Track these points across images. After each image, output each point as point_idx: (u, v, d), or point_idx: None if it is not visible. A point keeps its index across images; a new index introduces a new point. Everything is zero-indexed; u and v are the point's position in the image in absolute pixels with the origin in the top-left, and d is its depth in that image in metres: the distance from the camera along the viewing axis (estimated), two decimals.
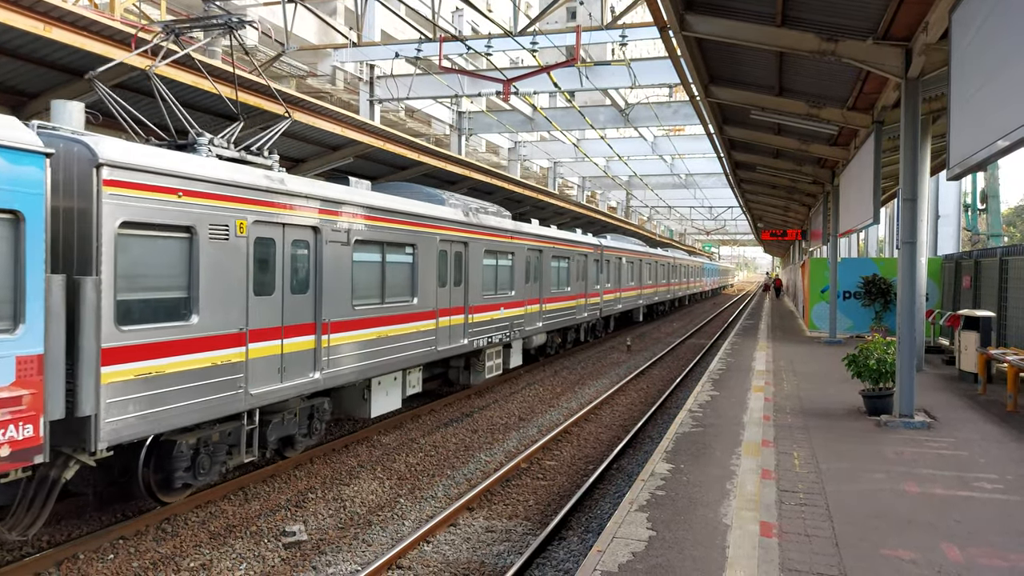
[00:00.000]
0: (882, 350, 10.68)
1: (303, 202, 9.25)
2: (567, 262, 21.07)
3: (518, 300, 16.75)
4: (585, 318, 23.26)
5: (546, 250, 18.93)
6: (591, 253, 23.92)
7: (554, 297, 19.77)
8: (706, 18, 10.63)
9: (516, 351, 17.37)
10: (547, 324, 19.14)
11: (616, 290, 27.67)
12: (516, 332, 16.64)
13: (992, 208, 29.27)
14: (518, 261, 16.72)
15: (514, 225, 16.57)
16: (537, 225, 18.98)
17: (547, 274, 19.02)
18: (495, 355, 15.83)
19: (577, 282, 22.06)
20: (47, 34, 7.83)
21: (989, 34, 6.30)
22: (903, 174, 10.17)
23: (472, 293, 14.34)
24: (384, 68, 26.36)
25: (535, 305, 18.15)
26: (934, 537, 6.00)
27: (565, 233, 21.21)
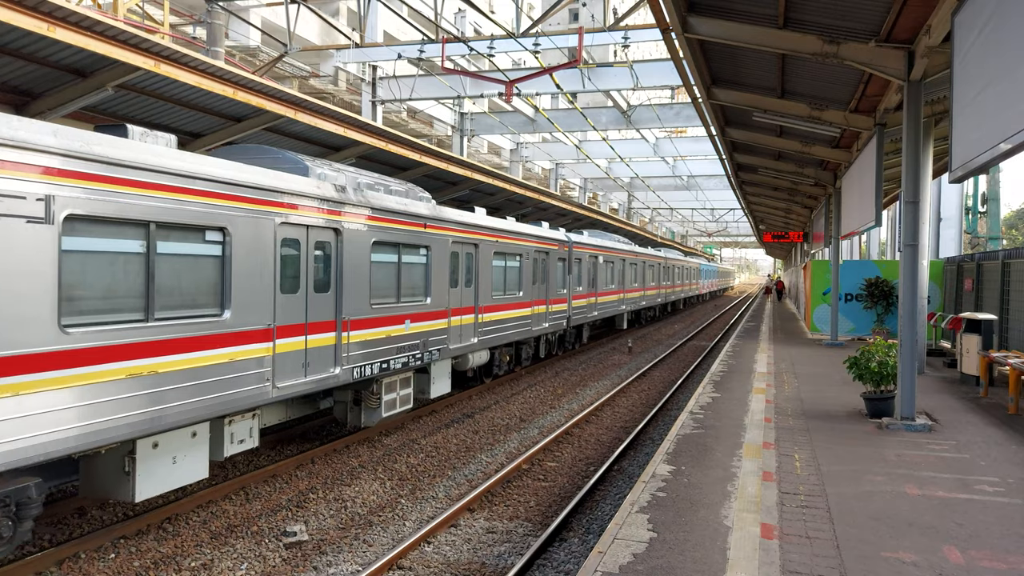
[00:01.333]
0: (884, 352, 10.67)
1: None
2: (518, 261, 17.31)
3: (436, 310, 12.93)
4: (546, 329, 19.41)
5: (484, 245, 15.11)
6: (554, 250, 20.03)
7: (498, 305, 15.94)
8: (708, 20, 10.64)
9: (441, 375, 13.71)
10: (487, 339, 15.35)
11: (590, 294, 23.82)
12: (434, 352, 12.77)
13: (992, 211, 29.28)
14: (437, 258, 12.96)
15: (431, 209, 12.88)
16: (480, 215, 15.64)
17: (485, 275, 15.20)
18: (401, 384, 12.04)
19: (534, 286, 18.30)
20: (50, 34, 7.83)
21: (992, 37, 6.30)
22: (905, 177, 10.17)
23: (352, 301, 10.37)
24: (386, 69, 26.39)
25: (468, 316, 14.31)
26: (935, 539, 6.00)
27: (515, 225, 17.41)
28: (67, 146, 6.35)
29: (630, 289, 30.37)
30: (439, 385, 13.67)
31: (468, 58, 30.50)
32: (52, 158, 6.22)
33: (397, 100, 26.07)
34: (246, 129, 11.96)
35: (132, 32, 8.55)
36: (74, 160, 6.40)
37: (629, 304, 30.32)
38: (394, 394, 11.86)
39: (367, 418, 11.36)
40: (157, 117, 11.26)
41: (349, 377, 10.34)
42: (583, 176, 45.26)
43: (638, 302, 32.33)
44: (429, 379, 13.28)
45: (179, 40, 20.51)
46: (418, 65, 24.25)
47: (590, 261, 23.86)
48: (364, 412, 11.37)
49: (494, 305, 15.75)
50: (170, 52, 9.11)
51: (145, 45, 8.79)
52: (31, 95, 9.69)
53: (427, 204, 12.87)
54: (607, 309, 26.51)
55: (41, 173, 6.14)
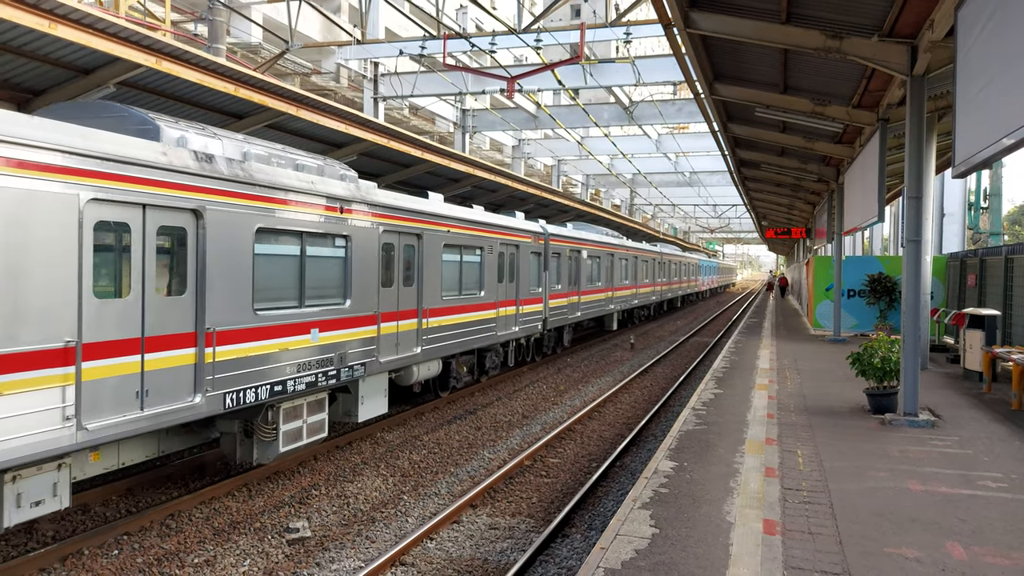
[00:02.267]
0: (886, 348, 10.66)
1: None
2: (478, 255, 14.91)
3: (360, 315, 10.58)
4: (515, 333, 17.04)
5: (430, 235, 12.74)
6: (526, 243, 17.60)
7: (450, 307, 13.54)
8: (711, 15, 10.61)
9: (373, 393, 11.28)
10: (436, 348, 12.98)
11: (571, 293, 21.53)
12: (358, 367, 10.48)
13: (994, 206, 29.21)
14: (361, 251, 10.57)
15: (351, 190, 10.34)
16: (432, 200, 13.22)
17: (432, 272, 12.81)
18: (310, 409, 9.67)
19: (500, 284, 16.07)
20: (52, 31, 7.84)
21: (995, 31, 6.28)
22: (908, 172, 10.15)
23: (222, 306, 8.01)
24: (388, 66, 26.37)
25: (408, 321, 11.99)
26: (938, 535, 5.99)
27: (473, 213, 14.95)
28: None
29: (620, 287, 28.15)
30: (371, 405, 11.28)
31: (470, 54, 30.46)
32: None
33: (399, 97, 26.06)
34: (248, 126, 11.96)
35: (134, 29, 8.55)
36: None
37: (619, 303, 28.09)
38: (298, 422, 9.44)
39: (260, 453, 9.11)
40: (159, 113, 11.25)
41: (218, 406, 7.96)
42: (585, 172, 45.22)
43: (629, 301, 30.01)
44: (356, 399, 10.92)
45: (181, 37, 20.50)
46: (420, 62, 24.22)
47: (571, 256, 21.60)
48: (257, 446, 9.12)
49: (445, 307, 13.28)
50: (172, 49, 9.11)
51: (147, 42, 8.80)
52: (33, 92, 9.70)
53: (347, 184, 10.44)
54: (592, 309, 24.30)
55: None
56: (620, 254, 27.93)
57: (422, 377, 12.88)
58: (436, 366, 13.30)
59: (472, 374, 15.71)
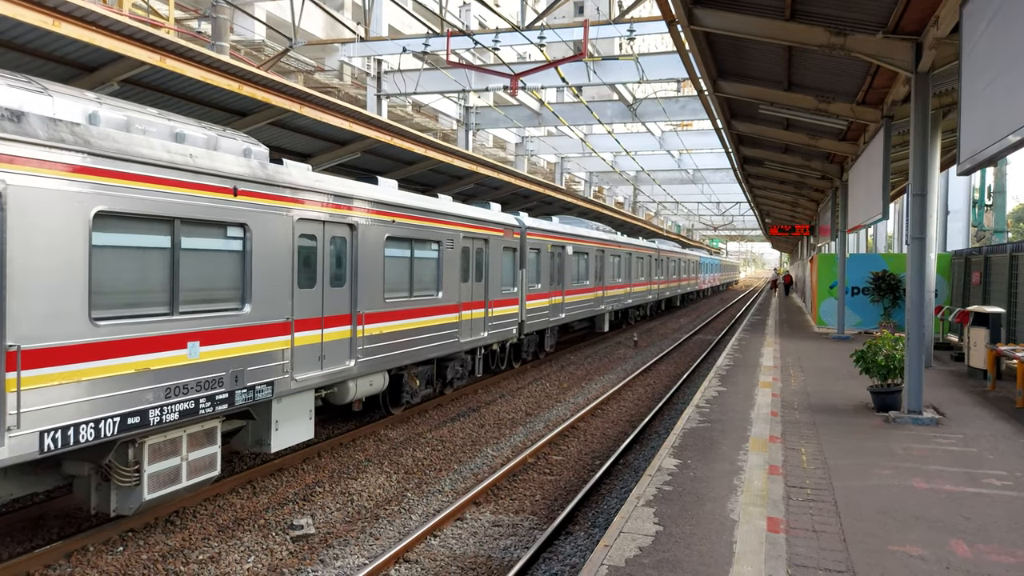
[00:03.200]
0: (891, 346, 10.64)
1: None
2: (434, 250, 12.99)
3: (264, 323, 8.62)
4: (484, 339, 15.05)
5: (368, 226, 10.74)
6: (497, 238, 15.66)
7: (397, 311, 11.62)
8: (714, 12, 10.59)
9: (292, 417, 9.34)
10: (379, 359, 11.11)
11: (553, 293, 19.56)
12: (262, 387, 8.56)
13: (998, 204, 29.15)
14: (264, 244, 8.60)
15: (250, 167, 8.36)
16: (373, 186, 11.21)
17: (371, 270, 10.89)
18: (191, 443, 7.79)
19: (465, 284, 14.18)
20: (56, 29, 7.85)
21: (1000, 28, 6.26)
22: (913, 169, 10.12)
23: (36, 315, 6.17)
24: (391, 63, 26.36)
25: (338, 329, 10.14)
26: (942, 533, 5.98)
27: (426, 200, 12.75)
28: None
29: (612, 285, 26.23)
30: (289, 432, 9.32)
31: (473, 52, 30.44)
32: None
33: (402, 94, 26.06)
34: (252, 123, 11.98)
35: (137, 27, 8.56)
36: None
37: (610, 303, 26.15)
38: (173, 460, 7.54)
39: (120, 501, 7.29)
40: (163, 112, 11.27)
41: (34, 447, 6.07)
42: (588, 170, 45.19)
43: (623, 300, 28.04)
44: (268, 425, 8.99)
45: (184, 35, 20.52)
46: (423, 59, 24.21)
47: (553, 252, 19.71)
48: (115, 493, 7.27)
49: (391, 312, 11.46)
50: (175, 47, 9.12)
51: (151, 40, 8.80)
52: None
53: (247, 160, 8.39)
54: (579, 310, 22.30)
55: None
56: (612, 250, 26.16)
57: (362, 394, 10.93)
58: (381, 380, 11.42)
59: (433, 387, 13.78)
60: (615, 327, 30.33)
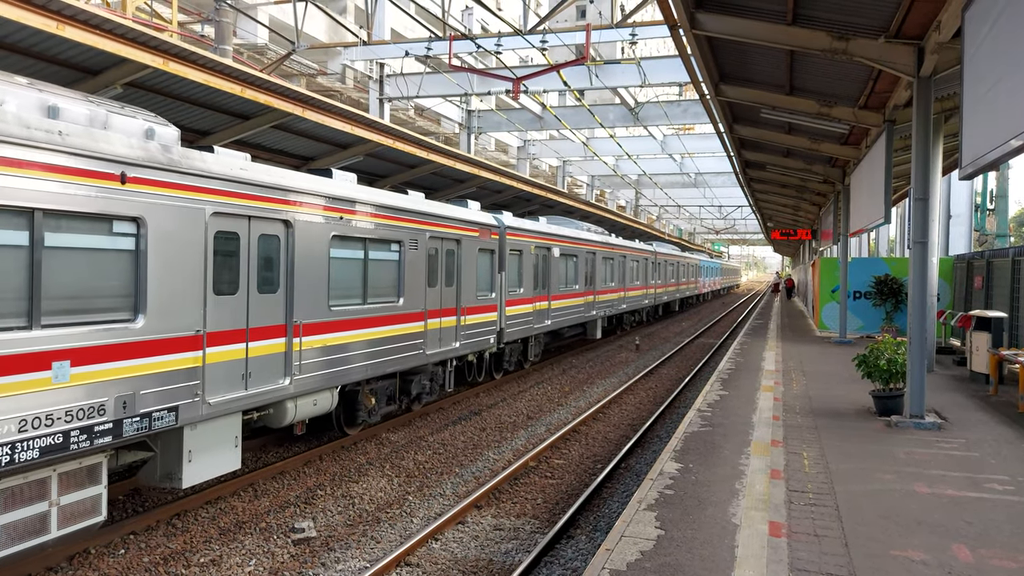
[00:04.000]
0: (893, 350, 10.63)
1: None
2: (394, 251, 11.69)
3: (165, 337, 7.31)
4: (456, 350, 13.81)
5: (306, 223, 9.47)
6: (471, 238, 14.36)
7: (346, 320, 10.37)
8: (717, 16, 10.60)
9: (211, 446, 8.05)
10: (322, 376, 9.81)
11: (538, 298, 18.39)
12: (164, 414, 7.27)
13: (1000, 208, 29.12)
14: (165, 243, 7.31)
15: (148, 151, 7.13)
16: (304, 175, 9.70)
17: (312, 274, 9.61)
18: (68, 483, 6.51)
19: (433, 289, 12.92)
20: (60, 32, 7.87)
21: (1002, 33, 6.26)
22: (915, 173, 10.12)
23: None
24: (394, 66, 26.42)
25: (269, 342, 8.84)
26: (944, 538, 5.97)
27: (381, 195, 11.38)
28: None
29: (604, 290, 24.96)
30: (208, 462, 8.00)
31: (475, 55, 30.48)
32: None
33: (404, 98, 26.11)
34: (254, 126, 12.00)
35: (141, 30, 8.58)
36: None
37: (603, 308, 24.90)
38: (38, 506, 6.23)
39: None
40: (165, 115, 11.30)
41: None
42: (590, 173, 45.21)
43: (616, 306, 26.81)
44: (179, 456, 7.69)
45: (187, 38, 20.58)
46: (425, 63, 24.25)
47: (538, 254, 18.46)
48: None
49: (338, 321, 10.15)
50: (179, 50, 9.14)
51: (154, 43, 8.83)
52: None
53: (142, 142, 7.13)
54: (568, 316, 20.98)
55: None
56: (604, 252, 24.87)
57: (304, 415, 9.68)
58: (328, 399, 10.15)
59: (399, 403, 12.56)
60: (609, 333, 29.36)
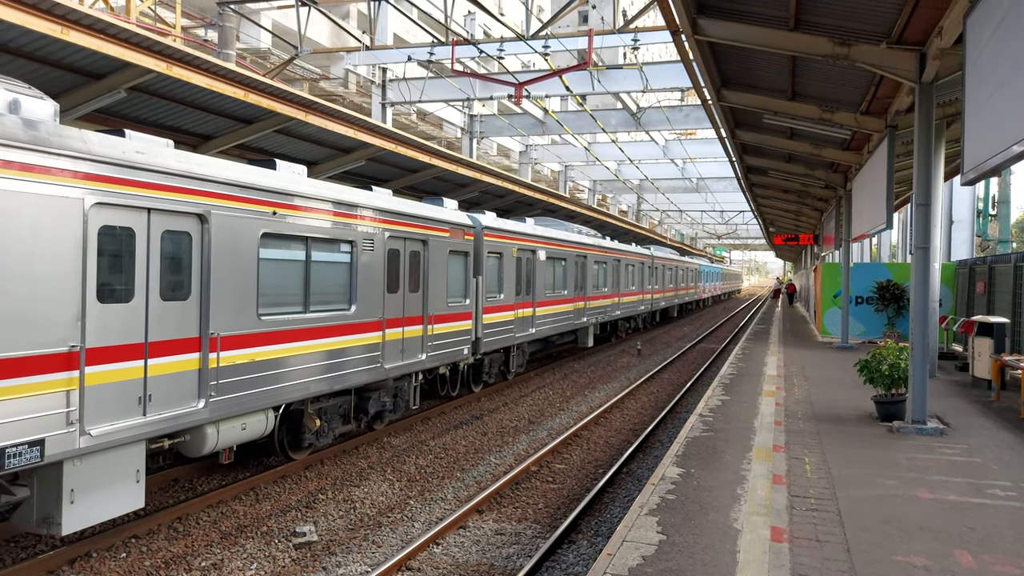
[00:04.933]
0: (895, 356, 10.62)
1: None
2: (344, 252, 10.34)
3: (24, 355, 6.07)
4: (422, 363, 12.41)
5: (226, 218, 8.13)
6: (441, 239, 12.96)
7: (281, 332, 9.03)
8: (718, 22, 10.62)
9: (106, 483, 6.92)
10: (248, 397, 8.46)
11: (520, 305, 17.14)
12: (24, 450, 6.05)
13: (1002, 214, 29.12)
14: (23, 240, 6.09)
15: (9, 128, 6.00)
16: (221, 161, 8.28)
17: (235, 278, 8.30)
18: None
19: (393, 295, 11.52)
20: (64, 37, 7.91)
21: (1004, 39, 6.27)
22: (917, 179, 10.13)
23: None
24: (396, 71, 26.48)
25: (173, 358, 7.55)
26: (947, 544, 5.96)
27: (327, 189, 9.96)
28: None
29: (597, 295, 23.72)
30: (100, 501, 6.85)
31: (478, 60, 30.53)
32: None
33: (407, 102, 26.16)
34: (257, 131, 12.03)
35: (144, 35, 8.62)
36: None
37: (595, 315, 23.54)
38: None
39: None
40: (169, 119, 11.35)
41: None
42: (592, 178, 45.25)
43: (609, 312, 25.53)
44: (58, 497, 6.52)
45: (191, 43, 20.64)
46: (428, 67, 24.31)
47: (521, 257, 17.21)
48: None
49: (269, 332, 8.78)
50: (182, 55, 9.18)
51: (157, 48, 8.87)
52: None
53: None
54: (555, 323, 19.73)
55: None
56: (596, 256, 23.63)
57: (231, 441, 8.40)
58: (261, 421, 8.87)
59: (357, 422, 11.35)
60: (604, 340, 28.28)
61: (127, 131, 7.40)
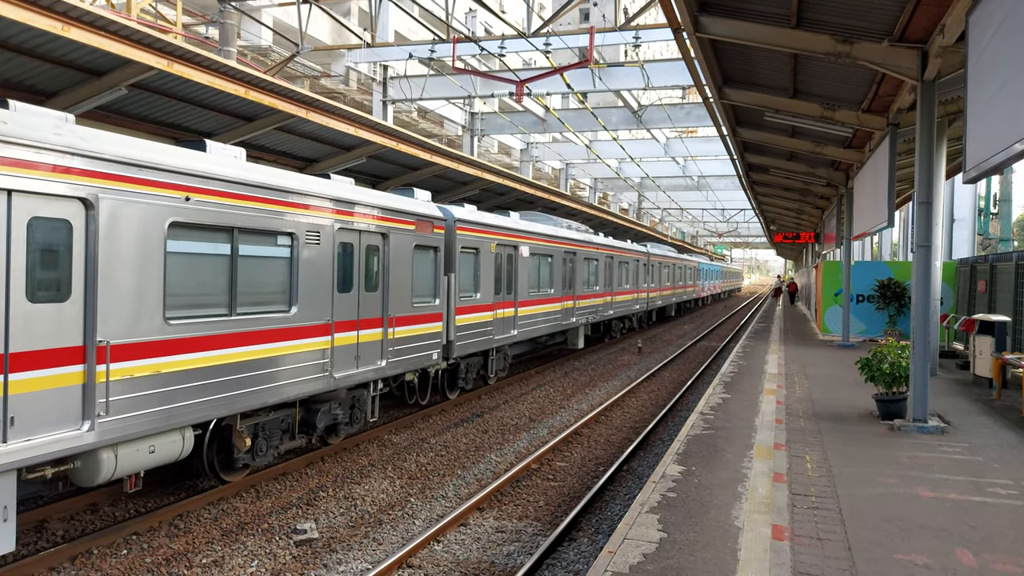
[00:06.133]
0: (896, 354, 10.62)
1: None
2: (282, 246, 9.17)
3: None
4: (380, 370, 11.22)
5: (120, 205, 6.88)
6: (406, 232, 11.83)
7: (196, 339, 7.74)
8: (720, 20, 10.61)
9: None
10: (153, 416, 7.24)
11: (501, 304, 16.02)
12: None
13: (1004, 212, 29.10)
14: None
15: None
16: (121, 137, 7.12)
17: (135, 278, 7.06)
18: None
19: (345, 295, 10.32)
20: (65, 34, 7.90)
21: (1006, 37, 6.26)
22: (918, 177, 10.11)
23: None
24: (397, 69, 26.47)
25: (48, 372, 6.25)
26: (948, 542, 5.96)
27: (271, 174, 8.93)
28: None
29: (587, 294, 22.54)
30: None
31: (479, 58, 30.53)
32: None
33: (408, 100, 26.13)
34: (258, 128, 12.03)
35: (145, 32, 8.61)
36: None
37: (585, 315, 22.35)
38: None
39: None
40: (170, 117, 11.34)
41: None
42: (593, 176, 45.22)
43: (602, 312, 24.40)
44: None
45: (192, 40, 20.62)
46: (429, 65, 24.28)
47: (500, 253, 16.01)
48: None
49: (181, 339, 7.55)
50: (183, 52, 9.17)
51: (158, 45, 8.86)
52: (46, 95, 9.78)
53: None
54: (540, 324, 18.58)
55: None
56: (587, 252, 22.45)
57: (135, 466, 7.20)
58: (176, 442, 7.65)
59: (307, 436, 10.23)
60: (596, 341, 27.28)
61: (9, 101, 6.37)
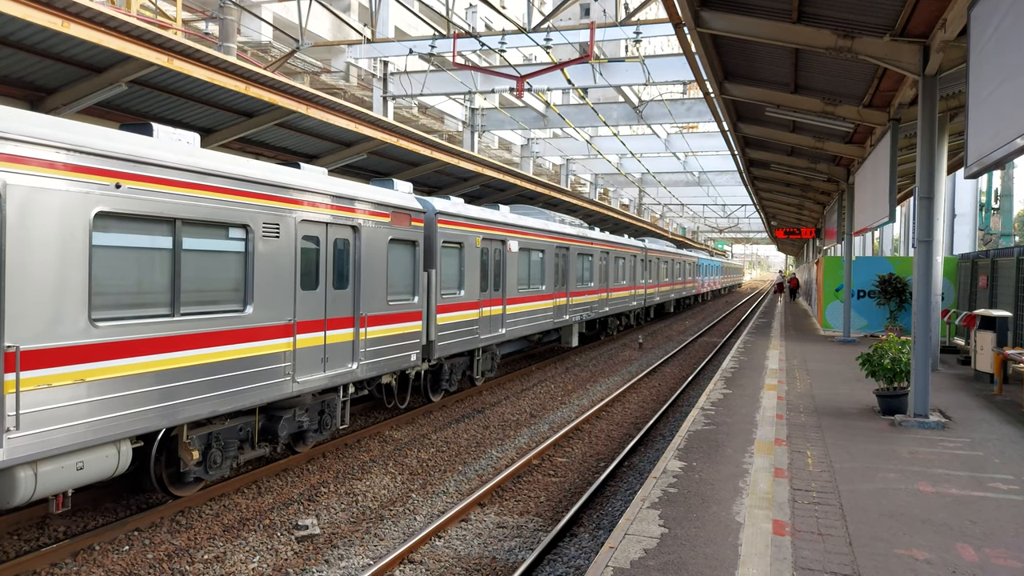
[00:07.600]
0: (897, 349, 10.61)
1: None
2: (236, 239, 8.40)
3: None
4: (351, 374, 10.49)
5: (36, 192, 6.09)
6: (377, 224, 11.00)
7: (125, 343, 6.93)
8: (721, 14, 10.58)
9: None
10: (82, 428, 6.49)
11: (488, 302, 15.26)
12: None
13: (1005, 207, 29.08)
14: None
15: None
16: (71, 123, 6.59)
17: (55, 275, 6.27)
18: None
19: (310, 292, 9.61)
20: (65, 30, 7.89)
21: (1008, 31, 6.24)
22: (919, 172, 10.10)
23: None
24: (398, 65, 26.43)
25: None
26: (949, 537, 5.96)
27: (221, 160, 8.19)
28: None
29: (581, 291, 21.92)
30: None
31: (479, 53, 30.48)
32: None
33: (408, 96, 26.10)
34: (258, 124, 12.02)
35: (146, 28, 8.59)
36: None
37: (579, 312, 21.72)
38: None
39: None
40: (170, 113, 11.33)
41: None
42: (594, 172, 45.17)
43: (597, 309, 23.80)
44: None
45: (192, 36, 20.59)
46: (429, 61, 24.25)
47: (488, 248, 15.31)
48: None
49: (108, 343, 6.77)
50: (183, 48, 9.16)
51: (159, 41, 8.84)
52: (46, 91, 9.77)
53: None
54: (531, 323, 17.81)
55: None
56: (580, 247, 21.78)
57: (61, 484, 6.53)
58: (111, 457, 6.95)
59: (271, 445, 9.58)
60: (591, 339, 26.70)
61: None
